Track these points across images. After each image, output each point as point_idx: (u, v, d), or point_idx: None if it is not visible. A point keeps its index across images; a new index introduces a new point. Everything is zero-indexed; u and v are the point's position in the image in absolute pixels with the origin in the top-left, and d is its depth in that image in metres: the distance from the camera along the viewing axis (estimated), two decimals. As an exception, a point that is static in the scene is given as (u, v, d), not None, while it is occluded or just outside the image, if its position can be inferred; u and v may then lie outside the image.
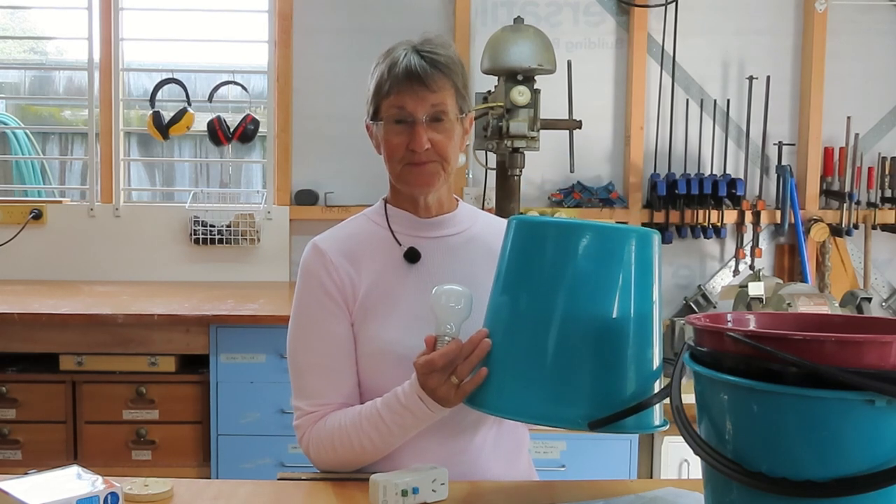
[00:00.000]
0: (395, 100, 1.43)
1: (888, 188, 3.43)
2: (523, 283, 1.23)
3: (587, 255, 1.19)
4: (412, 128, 1.43)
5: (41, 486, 1.19)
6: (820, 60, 3.38)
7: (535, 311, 1.20)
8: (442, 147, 1.45)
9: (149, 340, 2.63)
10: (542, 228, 1.25)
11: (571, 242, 1.20)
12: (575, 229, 1.21)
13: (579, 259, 1.19)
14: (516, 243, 1.26)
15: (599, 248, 1.19)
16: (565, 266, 1.19)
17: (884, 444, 0.88)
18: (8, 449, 2.63)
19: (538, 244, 1.23)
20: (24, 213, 3.31)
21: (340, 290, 1.47)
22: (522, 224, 1.27)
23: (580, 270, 1.19)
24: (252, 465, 2.63)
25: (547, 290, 1.19)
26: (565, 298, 1.18)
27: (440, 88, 1.43)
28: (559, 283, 1.19)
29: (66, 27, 3.77)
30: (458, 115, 1.48)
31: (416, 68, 1.42)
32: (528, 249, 1.24)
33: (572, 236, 1.20)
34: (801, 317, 1.31)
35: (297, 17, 3.38)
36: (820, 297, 2.55)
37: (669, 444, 2.55)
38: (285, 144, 3.39)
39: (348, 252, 1.50)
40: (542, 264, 1.21)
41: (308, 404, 1.47)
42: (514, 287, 1.25)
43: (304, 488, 1.38)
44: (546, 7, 3.40)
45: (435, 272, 1.50)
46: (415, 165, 1.45)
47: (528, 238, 1.25)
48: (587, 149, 3.34)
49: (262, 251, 3.38)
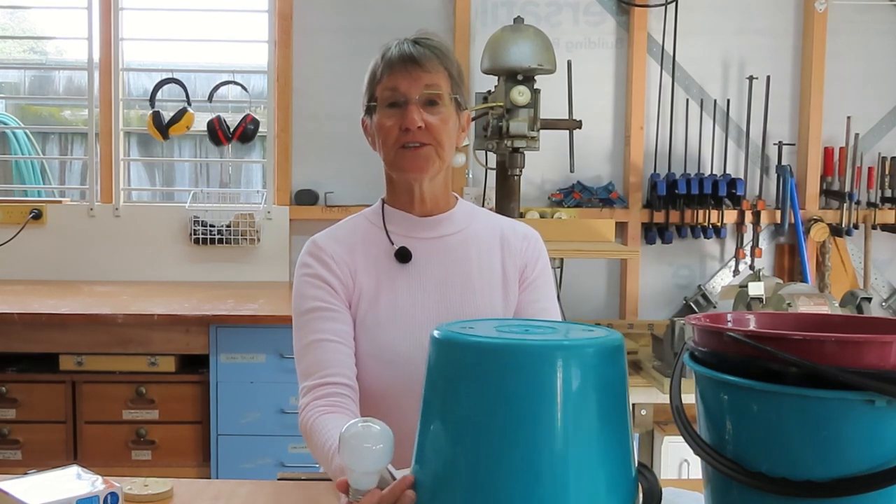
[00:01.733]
0: (388, 81, 1.42)
1: (888, 188, 3.43)
2: (448, 418, 0.95)
3: (517, 383, 0.91)
4: (405, 108, 1.41)
5: (41, 486, 1.19)
6: (820, 60, 3.38)
7: (465, 455, 0.93)
8: (436, 130, 1.42)
9: (149, 340, 2.63)
10: (461, 351, 0.95)
11: (495, 368, 0.92)
12: (499, 352, 0.93)
13: (508, 388, 0.91)
14: (436, 366, 0.99)
15: (532, 373, 0.91)
16: (493, 398, 0.92)
17: (884, 444, 0.88)
18: (8, 449, 2.63)
19: (459, 370, 0.95)
20: (23, 213, 3.31)
21: (340, 279, 1.46)
22: (441, 343, 0.98)
23: (512, 403, 0.91)
24: (252, 465, 2.63)
25: (478, 426, 0.92)
26: (501, 436, 0.91)
27: (434, 70, 1.42)
28: (491, 419, 0.92)
29: (65, 27, 3.77)
30: (453, 98, 1.45)
31: (410, 50, 1.42)
32: (450, 375, 0.96)
33: (495, 361, 0.92)
34: (801, 317, 1.31)
35: (297, 17, 3.38)
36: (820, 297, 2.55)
37: (669, 444, 2.54)
38: (285, 144, 3.39)
39: (346, 252, 1.50)
40: (465, 394, 0.94)
41: (310, 382, 1.41)
42: (440, 420, 0.96)
43: (304, 488, 1.38)
44: (546, 7, 3.40)
45: (427, 273, 1.49)
46: (408, 149, 1.43)
47: (448, 362, 0.97)
48: (587, 149, 3.34)
49: (262, 251, 3.38)
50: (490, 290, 1.50)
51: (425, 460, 0.98)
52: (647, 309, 3.46)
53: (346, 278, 1.47)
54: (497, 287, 1.51)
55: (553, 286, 1.59)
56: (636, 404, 2.48)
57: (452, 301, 1.48)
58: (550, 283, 1.58)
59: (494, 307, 1.50)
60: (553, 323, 1.08)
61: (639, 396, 2.45)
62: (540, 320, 1.11)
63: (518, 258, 1.54)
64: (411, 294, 1.46)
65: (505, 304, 1.51)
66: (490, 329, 0.99)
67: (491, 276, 1.51)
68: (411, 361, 1.41)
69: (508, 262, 1.53)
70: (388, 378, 1.41)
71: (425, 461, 0.98)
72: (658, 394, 2.47)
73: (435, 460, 0.96)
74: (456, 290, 1.48)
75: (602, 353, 0.93)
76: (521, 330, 1.00)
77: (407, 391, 1.40)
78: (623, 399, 0.96)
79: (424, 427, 0.98)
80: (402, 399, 1.41)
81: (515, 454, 0.90)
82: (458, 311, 1.46)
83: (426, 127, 1.41)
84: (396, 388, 1.42)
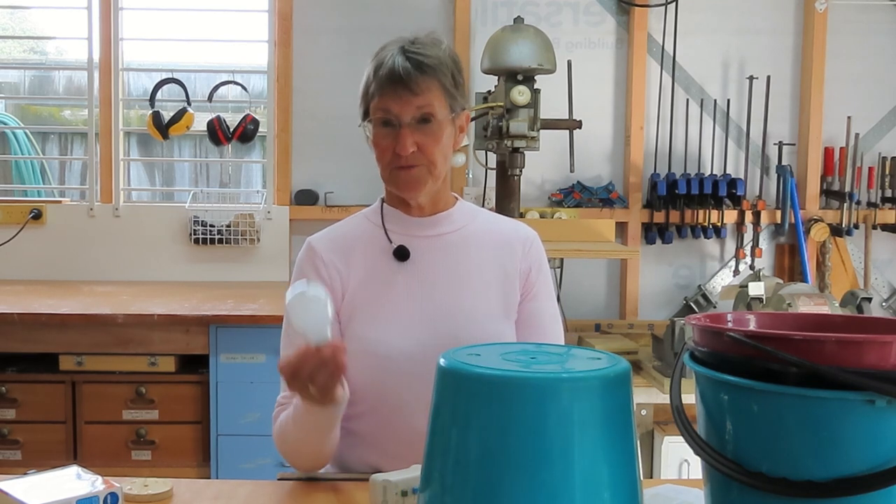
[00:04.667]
0: (379, 102, 1.42)
1: (888, 188, 3.43)
2: (453, 447, 0.93)
3: (522, 415, 0.89)
4: (398, 130, 1.42)
5: (41, 486, 1.19)
6: (820, 60, 3.38)
7: (471, 484, 0.91)
8: (429, 150, 1.43)
9: (148, 340, 2.63)
10: (465, 382, 0.93)
11: (499, 400, 0.90)
12: (504, 385, 0.90)
13: (513, 420, 0.89)
14: (441, 395, 0.97)
15: (536, 406, 0.89)
16: (498, 429, 0.90)
17: (884, 444, 0.88)
18: (8, 449, 2.63)
19: (463, 400, 0.93)
20: (23, 213, 3.31)
21: (328, 285, 1.47)
22: (446, 373, 0.95)
23: (516, 435, 0.89)
24: (252, 465, 2.63)
25: (482, 456, 0.91)
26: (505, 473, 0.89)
27: (425, 91, 1.41)
28: (496, 450, 0.90)
29: (66, 27, 3.77)
30: (449, 115, 1.45)
31: (400, 71, 1.39)
32: (455, 405, 0.94)
33: (499, 393, 0.90)
34: (801, 317, 1.31)
35: (297, 17, 3.38)
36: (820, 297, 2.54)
37: (669, 444, 2.54)
38: (285, 144, 3.39)
39: (340, 250, 1.51)
40: (470, 425, 0.92)
41: (280, 396, 1.49)
42: (445, 449, 0.94)
43: (304, 488, 1.38)
44: (546, 7, 3.40)
45: (425, 271, 1.49)
46: (402, 169, 1.44)
47: (452, 392, 0.95)
48: (587, 149, 3.35)
49: (262, 251, 3.38)
50: (488, 288, 1.51)
51: (431, 488, 0.96)
52: (647, 309, 3.46)
53: (335, 281, 1.49)
54: (495, 286, 1.51)
55: (552, 288, 1.60)
56: (636, 404, 2.48)
57: (450, 299, 1.48)
58: (551, 285, 1.59)
59: (492, 306, 1.50)
60: (559, 349, 1.05)
61: (639, 396, 2.45)
62: (546, 345, 1.10)
63: (520, 261, 1.54)
64: (410, 292, 1.47)
65: (503, 303, 1.51)
66: (496, 358, 0.97)
67: (489, 274, 1.52)
68: (412, 358, 1.42)
69: (509, 262, 1.53)
70: (388, 375, 1.42)
71: (431, 488, 0.96)
72: (658, 394, 2.47)
73: (440, 488, 0.95)
74: (454, 288, 1.49)
75: (607, 384, 0.92)
76: (527, 358, 0.98)
77: (407, 388, 1.42)
78: (629, 426, 0.94)
79: (430, 455, 0.97)
80: (402, 395, 1.42)
81: (520, 486, 0.89)
82: (455, 308, 1.47)
83: (419, 148, 1.42)
84: (397, 385, 1.43)
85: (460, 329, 1.44)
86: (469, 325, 1.46)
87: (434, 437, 0.97)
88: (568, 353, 1.02)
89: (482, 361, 0.95)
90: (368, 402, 1.45)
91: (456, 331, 1.44)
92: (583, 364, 0.96)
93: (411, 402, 1.41)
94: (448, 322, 1.46)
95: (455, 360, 0.95)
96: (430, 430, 0.97)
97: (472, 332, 1.43)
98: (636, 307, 3.42)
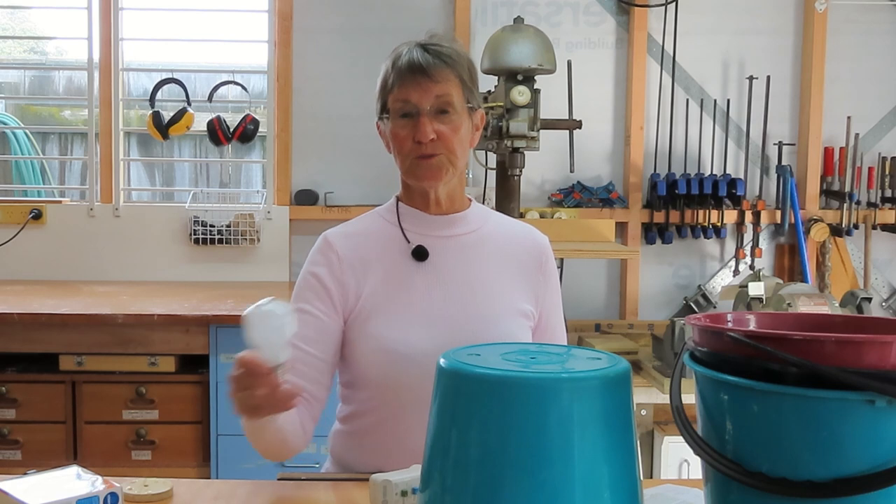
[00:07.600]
0: (399, 93, 1.44)
1: (888, 188, 3.44)
2: (453, 447, 0.93)
3: (521, 416, 0.89)
4: (417, 119, 1.43)
5: (41, 486, 1.19)
6: (820, 60, 3.38)
7: (470, 485, 0.91)
8: (448, 139, 1.44)
9: (148, 340, 2.63)
10: (465, 382, 0.93)
11: (499, 401, 0.90)
12: (503, 385, 0.90)
13: (512, 420, 0.89)
14: (441, 395, 0.97)
15: (536, 406, 0.89)
16: (497, 429, 0.90)
17: (884, 444, 0.88)
18: (8, 449, 2.63)
19: (463, 400, 0.93)
20: (23, 213, 3.31)
21: (340, 286, 1.47)
22: (445, 373, 0.95)
23: (515, 435, 0.89)
24: (252, 465, 2.63)
25: (482, 457, 0.91)
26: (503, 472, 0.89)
27: (444, 79, 1.43)
28: (495, 451, 0.90)
29: (66, 27, 3.77)
30: (466, 106, 1.47)
31: (419, 60, 1.42)
32: (454, 405, 0.94)
33: (499, 394, 0.90)
34: (801, 317, 1.31)
35: (297, 17, 3.37)
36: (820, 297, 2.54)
37: (669, 444, 2.55)
38: (285, 144, 3.39)
39: (356, 247, 1.51)
40: (470, 425, 0.92)
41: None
42: (444, 449, 0.94)
43: (304, 488, 1.38)
44: (546, 7, 3.40)
45: (443, 271, 1.50)
46: (422, 158, 1.45)
47: (452, 392, 0.94)
48: (587, 149, 3.35)
49: (262, 251, 3.38)
50: (505, 289, 1.52)
51: (431, 488, 0.96)
52: (647, 309, 3.46)
53: (349, 278, 1.48)
54: (512, 287, 1.53)
55: (560, 297, 1.62)
56: (636, 404, 2.48)
57: (469, 300, 1.49)
58: (560, 295, 1.61)
59: (508, 308, 1.51)
60: (560, 349, 1.05)
61: (639, 396, 2.45)
62: (546, 345, 1.10)
63: (535, 267, 1.56)
64: (429, 291, 1.47)
65: (519, 305, 1.52)
66: (496, 358, 0.97)
67: (507, 275, 1.53)
68: (431, 357, 1.41)
69: (524, 266, 1.55)
70: (406, 373, 1.42)
71: (431, 488, 0.96)
72: (658, 394, 2.47)
73: (440, 488, 0.94)
74: (472, 290, 1.50)
75: (607, 384, 0.91)
76: (527, 358, 0.98)
77: (425, 387, 1.41)
78: (629, 427, 0.94)
79: (430, 455, 0.97)
80: (419, 393, 1.42)
81: (520, 486, 0.89)
82: (474, 309, 1.48)
83: (438, 137, 1.43)
84: (414, 383, 1.43)
85: (479, 330, 1.45)
86: (489, 326, 1.46)
87: (434, 437, 0.96)
88: (568, 353, 1.02)
89: (482, 361, 0.95)
90: (388, 400, 1.46)
91: (475, 331, 1.44)
92: (583, 364, 0.96)
93: (429, 399, 1.41)
94: (467, 323, 1.46)
95: (455, 360, 0.95)
96: (430, 430, 0.97)
97: (491, 333, 1.43)
98: (636, 307, 3.42)
